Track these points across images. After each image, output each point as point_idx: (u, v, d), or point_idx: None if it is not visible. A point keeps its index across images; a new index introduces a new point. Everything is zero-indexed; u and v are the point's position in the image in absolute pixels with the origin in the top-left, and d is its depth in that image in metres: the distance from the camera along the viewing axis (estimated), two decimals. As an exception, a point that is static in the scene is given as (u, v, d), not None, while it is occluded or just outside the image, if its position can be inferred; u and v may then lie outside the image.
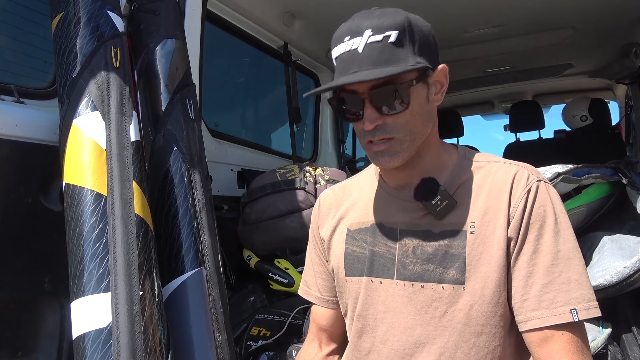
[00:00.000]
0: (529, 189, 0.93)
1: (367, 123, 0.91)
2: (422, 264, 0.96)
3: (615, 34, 2.94)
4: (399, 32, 0.88)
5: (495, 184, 0.96)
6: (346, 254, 1.06)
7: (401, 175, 1.02)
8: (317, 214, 1.16)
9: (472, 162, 1.01)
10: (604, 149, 3.44)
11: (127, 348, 1.09)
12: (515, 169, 0.97)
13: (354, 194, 1.13)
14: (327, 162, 3.26)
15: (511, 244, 0.92)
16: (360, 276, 1.03)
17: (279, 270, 2.04)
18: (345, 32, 0.91)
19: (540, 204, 0.93)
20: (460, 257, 0.93)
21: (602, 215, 1.98)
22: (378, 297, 1.00)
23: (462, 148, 1.06)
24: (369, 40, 0.88)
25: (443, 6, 2.45)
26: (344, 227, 1.09)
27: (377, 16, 0.90)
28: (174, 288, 1.30)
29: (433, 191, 0.96)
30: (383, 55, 0.87)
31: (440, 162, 1.02)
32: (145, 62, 1.48)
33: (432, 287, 0.95)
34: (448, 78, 1.00)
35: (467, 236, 0.93)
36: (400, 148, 0.93)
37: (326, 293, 1.16)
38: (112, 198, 1.20)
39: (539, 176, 0.96)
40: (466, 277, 0.92)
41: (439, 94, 0.99)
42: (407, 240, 0.98)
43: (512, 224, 0.92)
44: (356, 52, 0.88)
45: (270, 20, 2.52)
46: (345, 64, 0.90)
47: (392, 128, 0.92)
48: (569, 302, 0.88)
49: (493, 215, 0.94)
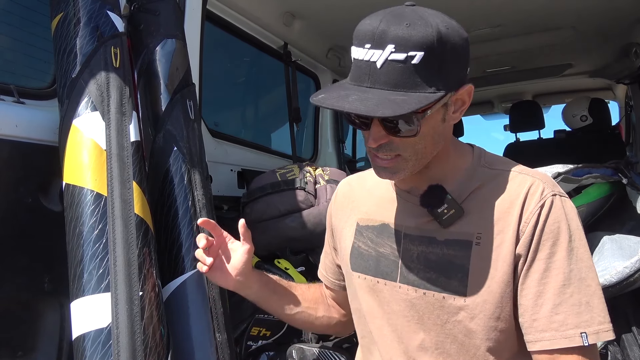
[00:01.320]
0: (543, 204, 0.88)
1: (371, 140, 0.86)
2: (425, 271, 0.95)
3: (615, 34, 2.93)
4: (425, 53, 0.79)
5: (508, 196, 0.91)
6: (353, 247, 1.07)
7: (410, 178, 0.97)
8: (334, 202, 1.19)
9: (486, 169, 0.97)
10: (604, 149, 3.44)
11: (127, 348, 1.09)
12: (530, 181, 0.91)
13: (367, 184, 1.12)
14: (327, 162, 3.25)
15: (520, 260, 0.89)
16: (364, 274, 1.03)
17: (279, 270, 2.04)
18: (368, 36, 0.82)
19: (554, 220, 0.88)
20: (464, 268, 0.91)
21: (602, 215, 1.98)
22: (383, 298, 1.00)
23: (478, 151, 1.00)
24: (390, 57, 0.80)
25: (443, 6, 2.44)
26: (354, 219, 1.10)
27: (406, 26, 0.80)
28: (174, 288, 1.30)
29: (440, 199, 0.93)
30: (402, 78, 0.80)
31: (452, 167, 0.97)
32: (145, 62, 1.48)
33: (433, 296, 0.93)
34: (472, 97, 0.92)
35: (472, 247, 0.91)
36: (405, 166, 0.90)
37: (331, 275, 1.22)
38: (112, 198, 1.20)
39: (554, 189, 0.91)
40: (468, 289, 0.90)
41: (457, 112, 0.91)
42: (412, 245, 0.97)
43: (522, 240, 0.88)
44: (374, 66, 0.81)
45: (270, 20, 2.52)
46: (361, 73, 0.83)
47: (399, 147, 0.87)
48: (579, 325, 0.85)
49: (501, 228, 0.90)
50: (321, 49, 2.94)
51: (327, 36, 2.83)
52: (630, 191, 1.89)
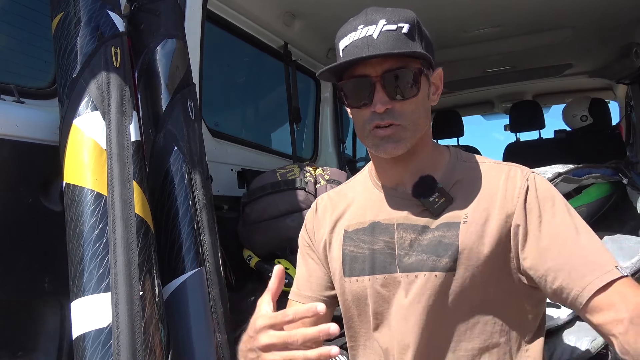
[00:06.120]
0: (528, 179, 0.97)
1: (379, 105, 0.92)
2: (417, 255, 0.98)
3: (615, 34, 2.93)
4: (410, 26, 0.93)
5: (488, 182, 0.99)
6: (344, 255, 1.06)
7: (395, 171, 1.04)
8: (313, 217, 1.17)
9: (464, 163, 1.05)
10: (604, 149, 3.44)
11: (127, 348, 1.09)
12: (507, 168, 1.01)
13: (349, 195, 1.14)
14: (327, 162, 3.25)
15: (520, 229, 0.93)
16: (361, 275, 1.03)
17: (279, 270, 2.04)
18: (359, 22, 0.94)
19: (544, 188, 0.97)
20: (453, 245, 0.95)
21: (602, 215, 1.98)
22: (386, 292, 1.01)
23: (453, 149, 1.09)
24: (383, 29, 0.91)
25: (443, 6, 2.44)
26: (340, 229, 1.09)
27: (389, 11, 0.94)
28: (174, 288, 1.30)
29: (431, 188, 0.99)
30: (397, 43, 0.92)
31: (433, 161, 1.04)
32: (145, 62, 1.48)
33: (424, 276, 0.96)
34: (442, 82, 1.05)
35: (460, 226, 0.96)
36: (405, 135, 0.95)
37: (321, 292, 1.13)
38: (112, 198, 1.20)
39: (530, 170, 1.01)
40: (457, 265, 0.94)
41: (435, 95, 1.03)
42: (404, 234, 1.00)
43: (518, 211, 0.94)
44: (371, 38, 0.91)
45: (271, 20, 2.52)
46: (358, 49, 0.92)
47: (400, 115, 0.94)
48: (610, 261, 0.87)
49: (486, 207, 0.96)
50: (321, 48, 2.94)
51: (327, 36, 2.81)
52: (631, 191, 1.89)
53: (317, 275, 1.14)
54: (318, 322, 1.09)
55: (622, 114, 4.03)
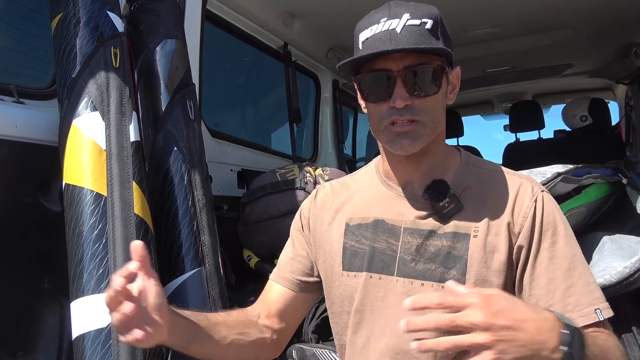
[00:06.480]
0: (536, 199, 0.96)
1: (399, 100, 0.90)
2: (425, 263, 0.97)
3: (615, 34, 2.93)
4: (434, 22, 0.92)
5: (499, 194, 0.98)
6: (344, 248, 1.06)
7: (406, 169, 1.02)
8: (311, 204, 1.15)
9: (474, 168, 1.03)
10: (604, 149, 3.43)
11: (127, 348, 1.09)
12: (519, 181, 0.99)
13: (352, 187, 1.12)
14: (327, 162, 3.25)
15: (523, 251, 0.94)
16: (359, 271, 1.03)
17: (279, 270, 2.04)
18: (381, 15, 0.92)
19: (549, 212, 0.96)
20: (462, 259, 0.94)
21: (602, 215, 1.98)
22: (377, 293, 1.00)
23: (464, 152, 1.07)
24: (407, 23, 0.90)
25: (443, 6, 2.43)
26: (341, 220, 1.08)
27: (413, 5, 0.93)
28: (174, 288, 1.30)
29: (443, 193, 0.97)
30: (421, 39, 0.90)
31: (445, 162, 1.03)
32: (145, 62, 1.48)
33: (432, 286, 0.95)
34: (460, 82, 1.02)
35: (470, 239, 0.95)
36: (423, 132, 0.94)
37: (297, 275, 1.12)
38: (111, 198, 1.20)
39: (541, 187, 0.99)
40: (466, 279, 0.94)
41: (452, 94, 1.01)
42: (411, 238, 0.99)
43: (523, 232, 0.94)
44: (394, 32, 0.90)
45: (270, 20, 2.52)
46: (381, 42, 0.90)
47: (420, 110, 0.92)
48: (592, 303, 0.90)
49: (495, 223, 0.95)
50: (321, 49, 2.94)
51: (327, 36, 2.83)
52: (630, 191, 1.89)
53: (299, 260, 1.14)
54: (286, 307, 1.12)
55: (621, 114, 4.03)
